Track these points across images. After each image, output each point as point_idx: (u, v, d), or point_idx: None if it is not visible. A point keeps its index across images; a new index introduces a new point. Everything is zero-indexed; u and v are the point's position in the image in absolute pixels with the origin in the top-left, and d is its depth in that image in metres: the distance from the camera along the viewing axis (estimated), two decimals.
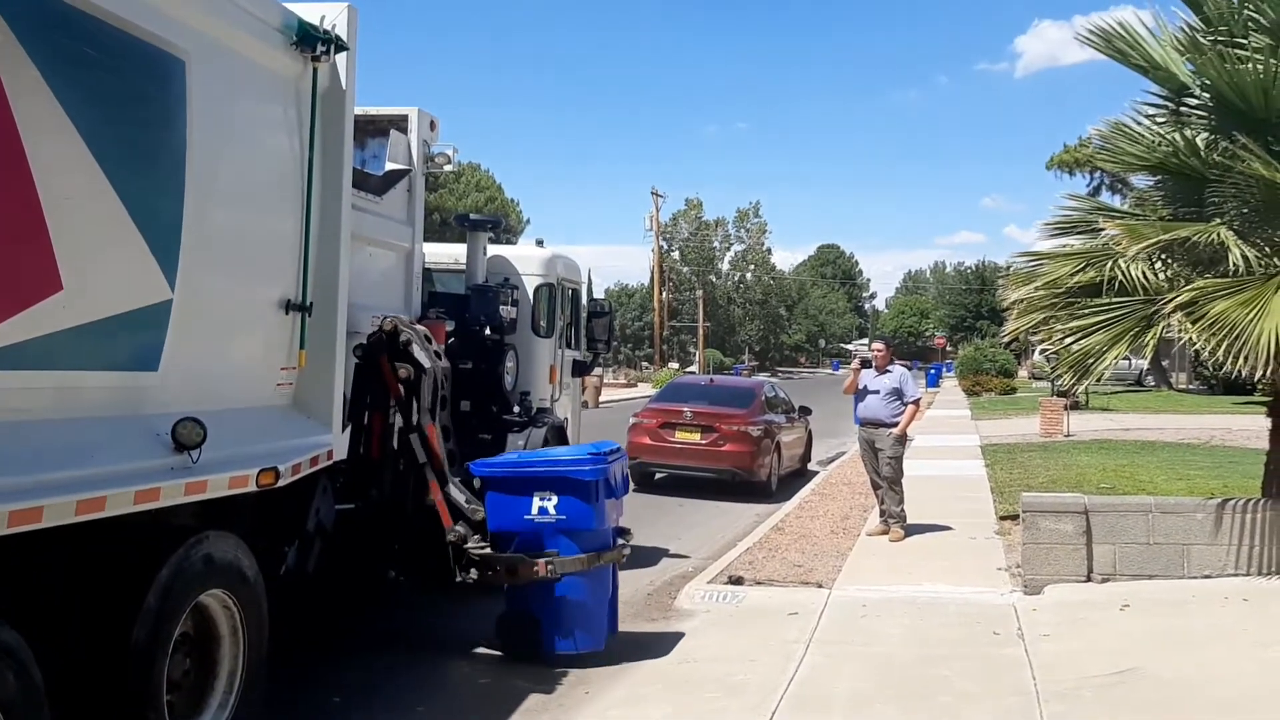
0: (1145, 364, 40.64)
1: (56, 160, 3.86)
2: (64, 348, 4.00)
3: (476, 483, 6.85)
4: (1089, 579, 8.06)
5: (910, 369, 14.59)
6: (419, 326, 6.99)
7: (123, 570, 4.39)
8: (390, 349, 6.61)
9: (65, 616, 4.21)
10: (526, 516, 6.65)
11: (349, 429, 6.59)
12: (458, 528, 6.61)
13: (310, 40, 5.59)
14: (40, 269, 3.83)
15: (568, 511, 6.63)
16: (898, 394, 10.53)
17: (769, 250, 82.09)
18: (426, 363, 6.64)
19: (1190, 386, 41.36)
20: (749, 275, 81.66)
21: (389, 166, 7.80)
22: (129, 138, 4.31)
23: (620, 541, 7.04)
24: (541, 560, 6.57)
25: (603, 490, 6.77)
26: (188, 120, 4.61)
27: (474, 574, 6.67)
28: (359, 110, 6.68)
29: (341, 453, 6.38)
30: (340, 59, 5.93)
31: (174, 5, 4.55)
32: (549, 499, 6.65)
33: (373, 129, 7.89)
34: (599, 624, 6.88)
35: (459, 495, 6.70)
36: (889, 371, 10.67)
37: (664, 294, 67.82)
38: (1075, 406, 25.71)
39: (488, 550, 6.63)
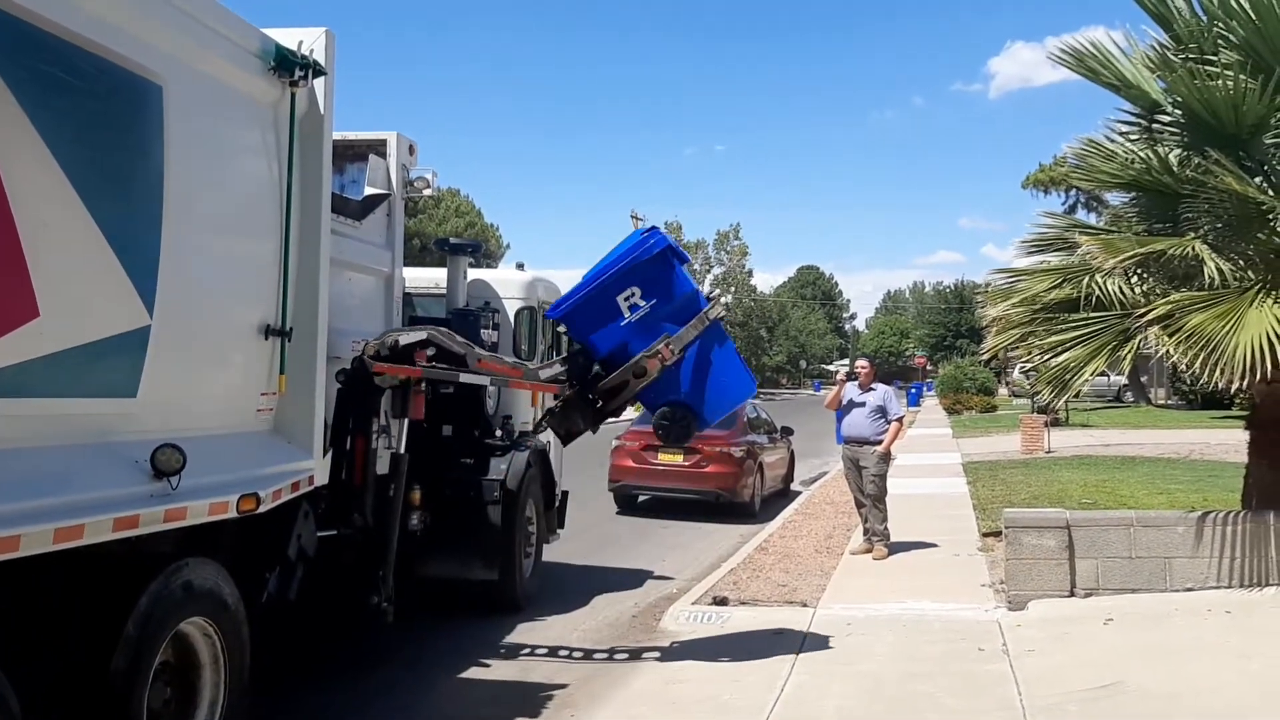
0: (1124, 380, 40.92)
1: (33, 186, 3.84)
2: (41, 374, 3.97)
3: (562, 327, 7.02)
4: (1072, 594, 8.08)
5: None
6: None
7: (101, 598, 4.35)
8: (386, 359, 6.57)
9: (43, 646, 4.16)
10: (624, 322, 6.65)
11: (330, 454, 6.55)
12: (567, 388, 6.78)
13: (288, 65, 5.59)
14: (17, 295, 3.80)
15: (656, 293, 6.63)
16: (882, 411, 10.58)
17: (749, 272, 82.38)
18: (423, 334, 6.68)
19: (1169, 402, 41.62)
20: (729, 297, 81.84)
21: (368, 191, 7.79)
22: (106, 163, 4.29)
23: (711, 300, 6.98)
24: (660, 346, 6.57)
25: (673, 256, 6.76)
26: (165, 146, 4.60)
27: (614, 404, 6.83)
28: (337, 135, 6.68)
29: (323, 478, 6.34)
30: (318, 84, 5.94)
31: (151, 31, 4.55)
32: (633, 294, 6.63)
33: (351, 154, 7.88)
34: (740, 373, 6.97)
35: (545, 371, 6.91)
36: (873, 390, 10.72)
37: None
38: (1055, 423, 25.87)
39: (606, 377, 6.72)
